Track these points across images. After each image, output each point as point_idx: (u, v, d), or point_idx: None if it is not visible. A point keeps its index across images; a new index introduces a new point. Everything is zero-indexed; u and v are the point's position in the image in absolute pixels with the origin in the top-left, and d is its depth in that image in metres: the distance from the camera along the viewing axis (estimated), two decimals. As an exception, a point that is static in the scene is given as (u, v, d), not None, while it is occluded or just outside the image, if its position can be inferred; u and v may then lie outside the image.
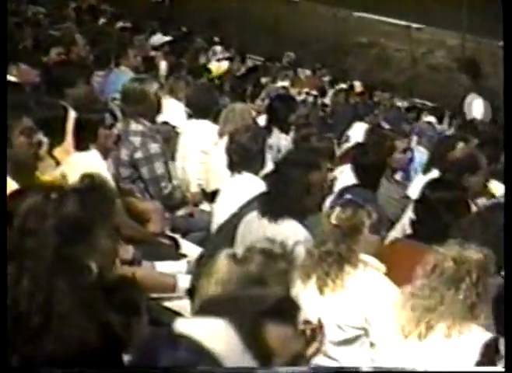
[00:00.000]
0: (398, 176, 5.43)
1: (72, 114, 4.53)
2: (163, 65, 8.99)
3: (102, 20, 12.07)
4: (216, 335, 1.53)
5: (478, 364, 2.42)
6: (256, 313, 1.67)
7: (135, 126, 4.78)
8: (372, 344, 3.12)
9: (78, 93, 5.13)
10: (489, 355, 2.41)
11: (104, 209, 2.42)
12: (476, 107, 9.18)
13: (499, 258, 2.86)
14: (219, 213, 4.28)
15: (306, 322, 2.02)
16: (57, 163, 4.30)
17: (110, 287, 2.15)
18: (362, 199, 3.35)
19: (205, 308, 1.76)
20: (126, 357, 1.88)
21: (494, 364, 2.38)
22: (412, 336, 2.72)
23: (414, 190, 4.60)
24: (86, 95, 5.26)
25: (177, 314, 3.29)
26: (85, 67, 6.03)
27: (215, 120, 5.76)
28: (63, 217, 2.06)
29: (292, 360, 1.70)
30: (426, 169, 5.23)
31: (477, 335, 2.60)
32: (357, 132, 6.80)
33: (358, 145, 5.77)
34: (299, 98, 9.19)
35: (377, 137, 5.39)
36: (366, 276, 3.14)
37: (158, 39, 10.99)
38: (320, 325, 2.11)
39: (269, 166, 4.59)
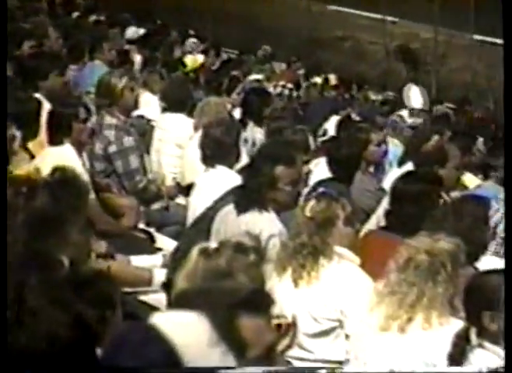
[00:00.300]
0: (373, 169, 5.46)
1: (46, 108, 4.50)
2: (138, 59, 8.95)
3: (75, 13, 11.96)
4: (187, 327, 1.54)
5: (450, 355, 2.44)
6: (229, 305, 1.68)
7: (109, 119, 4.75)
8: (347, 336, 3.14)
9: (52, 85, 5.10)
10: (460, 345, 2.43)
11: (76, 203, 2.40)
12: (415, 97, 9.26)
13: (470, 249, 2.89)
14: (195, 206, 4.28)
15: (280, 316, 2.03)
16: (32, 156, 4.27)
17: (83, 281, 2.14)
18: (337, 192, 3.37)
19: (179, 301, 1.77)
20: (99, 351, 1.88)
21: (465, 355, 2.40)
22: (392, 329, 2.74)
23: (389, 183, 4.63)
24: (61, 88, 5.24)
25: (153, 308, 3.28)
26: (58, 59, 5.99)
27: (190, 114, 5.74)
28: (33, 211, 2.05)
29: (266, 352, 1.71)
30: (401, 162, 5.27)
31: (455, 326, 2.62)
32: (334, 125, 6.81)
33: (333, 138, 5.79)
34: (276, 91, 9.19)
35: (351, 130, 5.42)
36: (341, 268, 3.16)
37: (132, 32, 10.93)
38: (294, 322, 2.12)
39: (244, 159, 4.59)
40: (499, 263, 3.78)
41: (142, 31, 10.93)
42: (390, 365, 2.73)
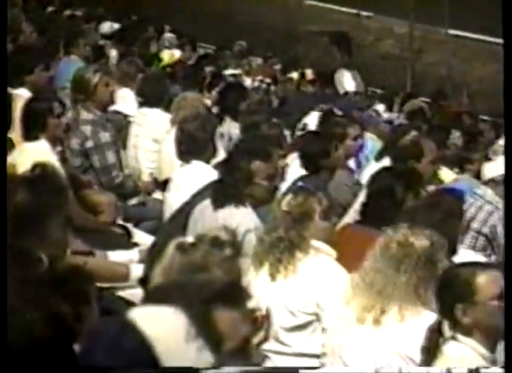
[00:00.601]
0: (351, 163, 5.50)
1: (19, 104, 4.47)
2: (114, 54, 8.90)
3: (50, 8, 11.86)
4: (163, 322, 1.54)
5: (424, 347, 2.47)
6: (204, 298, 1.69)
7: (85, 115, 4.74)
8: (324, 330, 3.16)
9: (37, 79, 5.10)
10: (433, 338, 2.45)
11: (56, 199, 2.39)
12: (347, 81, 9.34)
13: (444, 242, 2.92)
14: (172, 202, 4.28)
15: (255, 309, 2.04)
16: (13, 145, 4.25)
17: (59, 277, 2.13)
18: (314, 186, 3.39)
19: (155, 295, 1.77)
20: (77, 347, 1.88)
21: (439, 347, 2.42)
22: (367, 321, 2.76)
23: (367, 177, 4.66)
24: (46, 82, 5.23)
25: (131, 303, 3.28)
26: (44, 53, 5.99)
27: (167, 109, 5.73)
28: (13, 208, 2.03)
29: (242, 346, 1.73)
30: (379, 157, 5.30)
31: (427, 318, 2.65)
32: (314, 120, 6.83)
33: (308, 133, 5.81)
34: (254, 85, 9.19)
35: (329, 124, 5.44)
36: (318, 262, 3.18)
37: (107, 27, 10.86)
38: (268, 314, 2.14)
39: (221, 154, 4.59)
40: (473, 257, 3.83)
41: (116, 26, 10.87)
42: (366, 358, 2.75)
